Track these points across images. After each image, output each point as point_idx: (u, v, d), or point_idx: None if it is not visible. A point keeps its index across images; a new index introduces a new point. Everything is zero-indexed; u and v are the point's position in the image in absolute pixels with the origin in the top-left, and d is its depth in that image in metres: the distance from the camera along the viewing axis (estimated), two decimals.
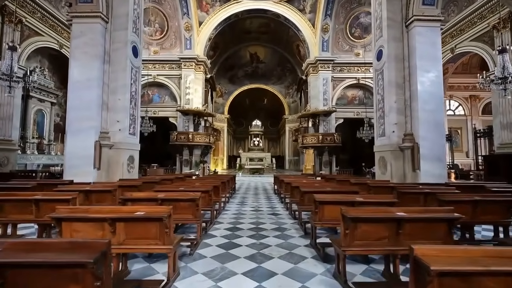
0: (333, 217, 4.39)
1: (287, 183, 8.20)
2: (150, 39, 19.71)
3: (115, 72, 9.71)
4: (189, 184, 7.23)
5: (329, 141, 18.85)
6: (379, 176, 10.64)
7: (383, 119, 10.39)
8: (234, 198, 10.21)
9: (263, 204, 8.98)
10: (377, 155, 10.86)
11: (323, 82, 19.95)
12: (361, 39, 20.40)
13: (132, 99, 10.15)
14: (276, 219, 6.73)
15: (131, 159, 10.10)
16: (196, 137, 18.65)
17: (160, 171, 16.75)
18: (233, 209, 8.05)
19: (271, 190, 12.87)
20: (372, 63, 11.50)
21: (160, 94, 20.18)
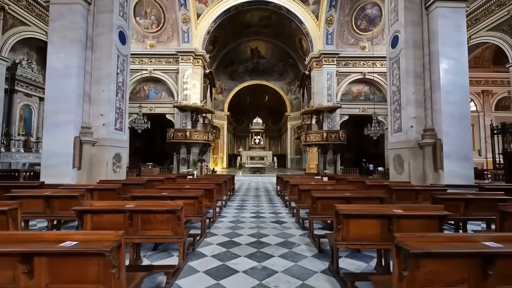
0: (363, 235, 3.19)
1: (293, 185, 6.99)
2: (146, 32, 18.48)
3: (99, 60, 8.50)
4: (177, 186, 6.03)
5: (333, 138, 17.60)
6: (394, 177, 9.40)
7: (399, 112, 9.14)
8: (233, 201, 9.02)
9: (265, 208, 7.77)
10: (392, 153, 9.62)
11: (328, 76, 18.68)
12: (367, 32, 19.10)
13: (118, 91, 8.94)
14: (281, 229, 5.52)
15: (118, 157, 8.89)
16: (194, 134, 17.43)
17: (155, 171, 15.56)
18: (231, 215, 6.84)
19: (273, 191, 11.66)
20: (386, 51, 10.25)
21: (156, 89, 18.96)
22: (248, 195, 10.30)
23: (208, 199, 5.89)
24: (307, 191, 5.79)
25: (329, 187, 5.95)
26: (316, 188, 5.92)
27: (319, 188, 5.85)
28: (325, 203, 4.63)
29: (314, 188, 5.94)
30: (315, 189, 5.80)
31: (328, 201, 4.65)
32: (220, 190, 7.19)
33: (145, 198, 4.62)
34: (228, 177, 9.72)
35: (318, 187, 6.00)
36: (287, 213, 7.07)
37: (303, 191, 5.80)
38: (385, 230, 3.17)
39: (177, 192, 4.74)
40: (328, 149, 18.19)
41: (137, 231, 3.35)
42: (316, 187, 6.03)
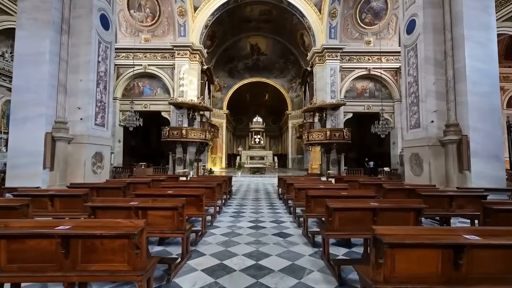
0: (416, 272, 2.05)
1: (299, 189, 5.84)
2: (140, 26, 17.35)
3: (76, 46, 7.35)
4: (158, 192, 4.89)
5: (337, 137, 16.43)
6: (411, 178, 8.24)
7: (416, 106, 7.98)
8: (229, 205, 7.87)
9: (266, 215, 6.62)
10: (407, 152, 8.46)
11: (331, 72, 17.52)
12: (372, 26, 17.96)
13: (100, 81, 7.79)
14: (285, 245, 4.36)
15: (99, 156, 7.75)
16: (190, 133, 16.28)
17: (148, 171, 14.41)
18: (225, 224, 5.69)
19: (274, 193, 10.52)
20: (400, 38, 9.10)
21: (151, 86, 17.81)
22: (246, 199, 9.15)
23: (195, 208, 4.75)
24: (318, 198, 4.65)
25: (343, 193, 4.80)
26: (328, 194, 4.77)
27: (333, 195, 4.70)
28: (345, 216, 3.49)
29: (326, 194, 4.79)
30: (328, 195, 4.66)
31: (348, 213, 3.50)
32: (212, 195, 6.05)
33: (108, 209, 3.48)
34: (224, 179, 8.57)
35: (331, 193, 4.85)
36: (291, 222, 5.92)
37: (313, 197, 4.65)
38: (451, 267, 2.02)
39: (151, 202, 3.58)
40: (332, 149, 17.02)
41: (76, 265, 2.20)
42: (328, 193, 4.88)
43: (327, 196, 4.69)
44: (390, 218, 3.51)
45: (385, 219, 3.50)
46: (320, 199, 4.68)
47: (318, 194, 4.68)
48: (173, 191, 4.80)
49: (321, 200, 4.68)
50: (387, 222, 3.51)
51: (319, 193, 4.76)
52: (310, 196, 4.63)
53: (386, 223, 3.50)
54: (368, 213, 3.49)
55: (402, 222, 3.53)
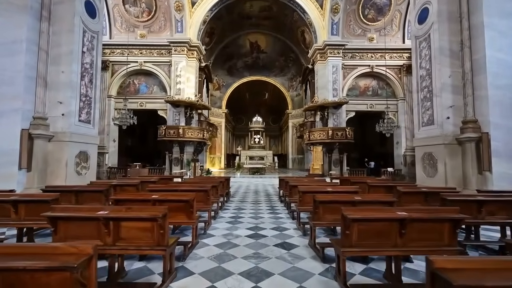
0: None
1: (304, 192, 5.14)
2: (136, 21, 16.64)
3: (58, 34, 6.64)
4: (140, 196, 4.18)
5: (340, 136, 15.72)
6: (423, 180, 7.54)
7: (429, 101, 7.28)
8: (227, 209, 7.17)
9: (266, 220, 5.92)
10: (419, 151, 7.76)
11: (333, 70, 16.80)
12: (375, 22, 17.26)
13: (85, 74, 7.08)
14: (290, 259, 3.66)
15: (83, 156, 7.03)
16: (187, 132, 15.56)
17: (144, 171, 13.71)
18: (220, 232, 4.99)
19: (275, 194, 9.83)
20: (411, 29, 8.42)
21: (147, 83, 17.08)
22: (245, 201, 8.45)
23: (185, 215, 4.05)
24: (328, 203, 3.96)
25: (356, 197, 4.10)
26: (339, 199, 4.07)
27: (345, 200, 4.00)
28: (366, 228, 2.79)
29: (337, 199, 4.09)
30: (339, 200, 3.97)
31: (370, 225, 2.80)
32: (207, 199, 5.35)
33: (72, 220, 2.78)
34: (221, 180, 7.87)
35: (342, 197, 4.14)
36: (295, 229, 5.22)
37: (321, 203, 3.96)
38: None
39: (125, 210, 2.87)
40: (334, 148, 16.32)
41: None
42: (339, 197, 4.18)
43: (338, 202, 3.99)
44: (420, 230, 2.82)
45: (414, 232, 2.81)
46: (331, 205, 3.99)
47: (328, 199, 3.99)
48: (159, 196, 4.09)
49: (331, 207, 4.00)
50: (417, 237, 2.82)
51: (328, 198, 4.06)
52: (318, 201, 3.93)
53: (416, 237, 2.81)
54: (394, 224, 2.80)
55: (435, 236, 2.84)
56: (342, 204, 4.01)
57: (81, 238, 2.74)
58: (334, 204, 3.97)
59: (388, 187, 6.49)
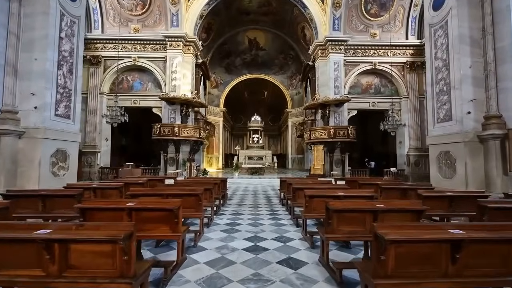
0: None
1: (311, 196, 4.37)
2: (129, 15, 15.79)
3: (30, 16, 5.81)
4: (113, 204, 3.37)
5: (342, 135, 14.99)
6: (438, 181, 6.78)
7: (446, 94, 6.53)
8: (223, 214, 6.37)
9: (267, 228, 5.14)
10: (434, 150, 7.01)
11: (334, 66, 16.05)
12: (378, 17, 16.53)
13: (63, 62, 6.25)
14: (298, 283, 2.86)
15: (61, 155, 6.20)
16: (183, 130, 14.74)
17: (137, 172, 12.83)
18: (214, 244, 4.18)
19: (275, 197, 9.05)
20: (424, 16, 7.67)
21: (141, 80, 16.23)
22: (243, 205, 7.66)
23: (168, 227, 3.25)
24: (344, 212, 3.18)
25: (379, 205, 3.32)
26: (357, 207, 3.29)
27: (364, 208, 3.23)
28: (409, 252, 2.01)
29: (355, 207, 3.31)
30: (358, 209, 3.19)
31: (415, 247, 2.03)
32: (198, 205, 4.55)
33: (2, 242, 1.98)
34: (217, 181, 7.07)
35: (359, 204, 3.36)
36: (301, 240, 4.42)
37: (336, 211, 3.17)
38: None
39: (75, 229, 2.08)
40: (336, 148, 15.57)
41: None
42: (356, 204, 3.40)
43: (357, 211, 3.22)
44: (479, 254, 2.05)
45: (471, 256, 2.04)
46: (348, 215, 3.21)
47: (345, 207, 3.20)
48: (136, 203, 3.30)
49: (348, 216, 3.22)
50: (475, 263, 2.05)
51: (344, 205, 3.27)
52: (332, 210, 3.15)
53: (473, 264, 2.05)
54: (445, 246, 2.03)
55: (497, 262, 2.08)
56: (362, 213, 3.24)
57: (13, 268, 1.95)
58: (352, 213, 3.20)
59: (403, 190, 5.74)
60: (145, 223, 3.25)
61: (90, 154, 15.13)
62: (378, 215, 3.17)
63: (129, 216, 3.19)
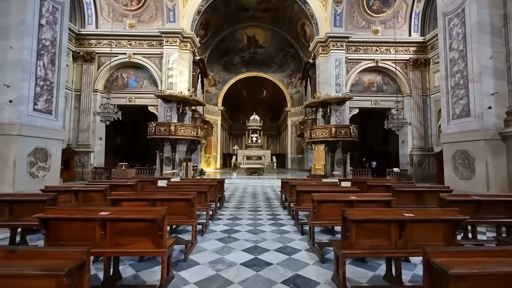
0: None
1: (320, 201, 3.77)
2: (124, 10, 15.14)
3: (6, 0, 5.20)
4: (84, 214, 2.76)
5: (343, 134, 14.41)
6: (454, 183, 6.19)
7: (464, 88, 5.95)
8: (219, 219, 5.75)
9: (268, 236, 4.52)
10: (449, 149, 6.43)
11: (336, 64, 15.47)
12: (380, 14, 15.98)
13: (43, 52, 5.62)
14: None
15: (41, 154, 5.57)
16: (180, 129, 14.10)
17: (130, 172, 12.19)
18: (207, 258, 3.53)
19: (276, 199, 8.45)
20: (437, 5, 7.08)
21: (137, 77, 15.57)
22: (242, 208, 7.05)
23: (150, 241, 2.64)
24: (366, 223, 2.58)
25: (407, 214, 2.72)
26: (383, 216, 2.69)
27: (392, 218, 2.63)
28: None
29: (380, 216, 2.70)
30: (386, 219, 2.59)
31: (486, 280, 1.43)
32: (189, 211, 3.92)
33: None
34: (213, 183, 6.46)
35: (385, 214, 2.76)
36: (308, 252, 3.81)
37: (356, 222, 2.57)
38: None
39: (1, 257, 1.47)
40: (337, 147, 15.00)
41: None
42: (380, 214, 2.80)
43: (381, 221, 2.62)
44: None
45: None
46: (369, 226, 2.62)
47: (367, 218, 2.61)
48: (112, 212, 2.69)
49: (370, 227, 2.63)
50: None
51: (365, 215, 2.67)
52: (351, 220, 2.55)
53: None
54: None
55: None
56: (386, 224, 2.64)
57: None
58: (374, 224, 2.61)
59: (418, 193, 5.15)
60: (122, 236, 2.64)
61: (83, 153, 14.48)
62: (405, 227, 2.58)
63: (102, 228, 2.58)
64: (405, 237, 2.61)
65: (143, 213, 2.69)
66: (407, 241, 2.63)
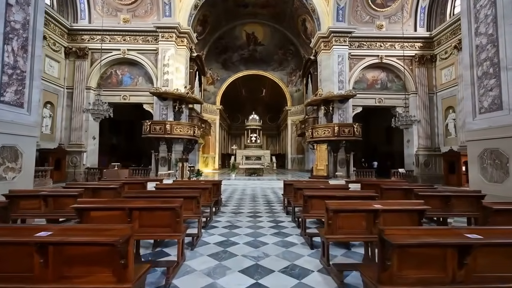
0: None
1: (336, 211, 3.00)
2: (118, 4, 14.36)
3: None
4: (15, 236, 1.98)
5: (347, 133, 13.65)
6: (481, 186, 5.39)
7: (494, 77, 5.17)
8: (214, 227, 4.94)
9: (272, 251, 3.72)
10: (475, 147, 5.64)
11: (339, 60, 14.72)
12: (384, 8, 15.24)
13: (13, 36, 4.82)
14: None
15: (10, 153, 4.77)
16: (176, 128, 13.31)
17: (123, 173, 11.40)
18: (195, 283, 2.73)
19: (277, 202, 7.66)
20: None
21: (132, 74, 14.78)
22: (241, 213, 6.26)
23: (111, 271, 1.84)
24: (421, 247, 1.78)
25: (473, 235, 1.95)
26: (442, 239, 1.91)
27: (452, 242, 1.87)
28: None
29: (438, 239, 1.92)
30: (444, 243, 1.81)
31: None
32: (175, 223, 3.14)
33: None
34: (208, 186, 5.66)
35: (445, 235, 1.99)
36: (321, 272, 3.04)
37: (402, 247, 1.80)
38: None
39: None
40: (340, 147, 14.24)
41: None
42: (438, 235, 2.02)
43: (434, 245, 1.84)
44: None
45: None
46: (419, 251, 1.84)
47: (419, 242, 1.83)
48: (54, 231, 1.91)
49: (419, 254, 1.86)
50: None
51: (415, 235, 1.90)
52: (397, 245, 1.78)
53: None
54: None
55: None
56: (442, 249, 1.86)
57: None
58: (426, 249, 1.84)
59: (444, 198, 4.38)
60: (70, 267, 1.86)
61: (75, 153, 13.68)
62: (470, 253, 1.81)
63: (41, 255, 1.80)
64: (468, 267, 1.84)
65: (100, 233, 1.90)
66: (469, 272, 1.85)
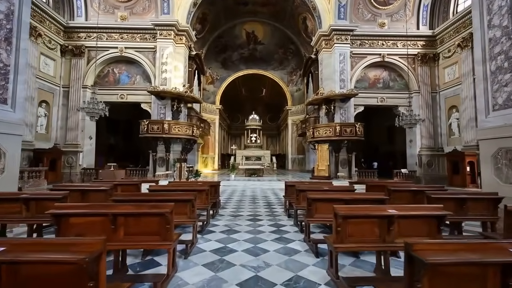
0: None
1: (346, 217, 2.65)
2: (116, 1, 14.02)
3: None
4: None
5: (348, 133, 13.30)
6: (495, 187, 5.03)
7: (509, 72, 4.81)
8: (211, 232, 4.56)
9: (273, 259, 3.34)
10: (488, 146, 5.28)
11: (340, 58, 14.37)
12: (386, 6, 14.92)
13: None
14: None
15: None
16: (174, 127, 12.97)
17: (120, 173, 11.05)
18: None
19: (278, 204, 7.31)
20: None
21: (129, 73, 14.43)
22: (240, 216, 5.90)
23: None
24: (455, 266, 1.43)
25: None
26: (479, 258, 1.58)
27: (495, 261, 1.54)
28: None
29: (475, 256, 1.58)
30: (485, 262, 1.46)
31: None
32: (164, 230, 2.78)
33: None
34: (205, 188, 5.30)
35: (494, 252, 1.65)
36: (328, 286, 2.71)
37: (434, 266, 1.47)
38: None
39: None
40: (342, 147, 13.89)
41: None
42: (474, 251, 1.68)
43: (469, 263, 1.48)
44: None
45: None
46: (451, 270, 1.48)
47: (454, 261, 1.48)
48: (8, 247, 1.57)
49: (455, 273, 1.50)
50: None
51: (450, 251, 1.54)
52: (431, 264, 1.43)
53: None
54: None
55: None
56: (481, 269, 1.51)
57: None
58: (460, 268, 1.49)
59: (458, 200, 4.03)
60: None
61: (71, 153, 13.32)
62: None
63: None
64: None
65: (66, 248, 1.55)
66: None
